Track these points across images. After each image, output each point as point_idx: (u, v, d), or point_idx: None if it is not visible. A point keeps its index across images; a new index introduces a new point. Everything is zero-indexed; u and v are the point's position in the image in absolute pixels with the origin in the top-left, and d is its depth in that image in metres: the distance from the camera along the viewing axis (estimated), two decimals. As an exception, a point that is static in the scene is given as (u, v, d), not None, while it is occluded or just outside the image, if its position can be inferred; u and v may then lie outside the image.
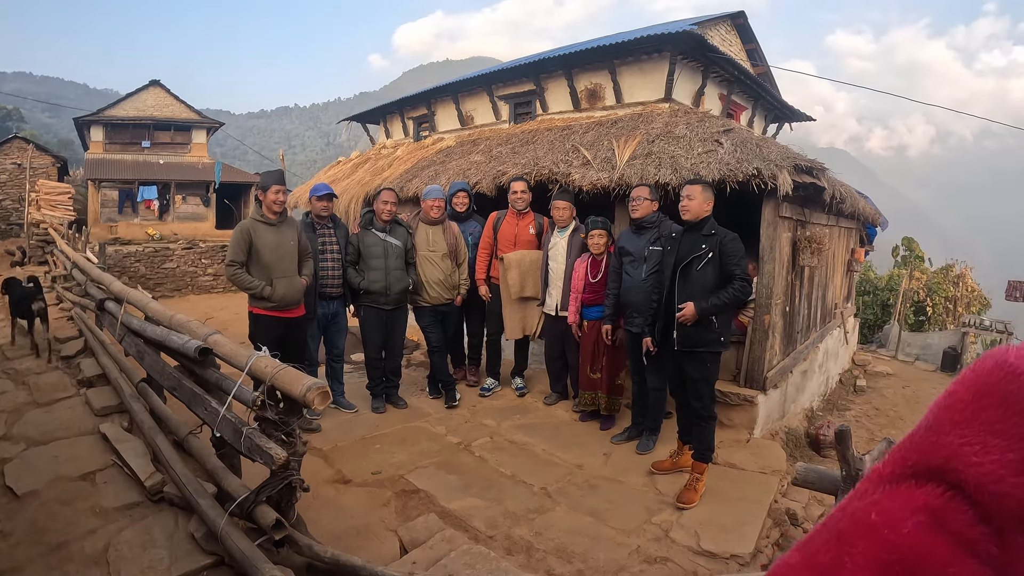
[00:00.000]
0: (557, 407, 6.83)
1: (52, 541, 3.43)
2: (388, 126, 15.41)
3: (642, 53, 9.55)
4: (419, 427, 6.19)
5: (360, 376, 7.32)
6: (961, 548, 0.38)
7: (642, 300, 5.43)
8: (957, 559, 0.37)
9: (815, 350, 8.64)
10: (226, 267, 5.54)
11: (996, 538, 0.37)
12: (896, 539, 0.39)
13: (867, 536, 0.40)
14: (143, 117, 26.10)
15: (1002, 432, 0.38)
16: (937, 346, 15.25)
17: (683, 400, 5.10)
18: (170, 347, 3.95)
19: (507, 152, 9.26)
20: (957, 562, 0.37)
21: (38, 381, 6.39)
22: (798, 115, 14.29)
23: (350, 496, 4.74)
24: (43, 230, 19.44)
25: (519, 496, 4.80)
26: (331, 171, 14.30)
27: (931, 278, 18.97)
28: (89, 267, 7.97)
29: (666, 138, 7.33)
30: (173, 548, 3.39)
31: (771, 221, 6.35)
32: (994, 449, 0.38)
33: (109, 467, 4.35)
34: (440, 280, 6.63)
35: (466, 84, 12.77)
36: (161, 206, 25.05)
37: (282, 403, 3.06)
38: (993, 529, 0.37)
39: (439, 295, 6.68)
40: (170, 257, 20.75)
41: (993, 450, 0.38)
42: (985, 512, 0.38)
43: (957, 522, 0.38)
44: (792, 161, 6.14)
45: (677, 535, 4.32)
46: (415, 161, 11.25)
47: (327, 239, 6.25)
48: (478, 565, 3.47)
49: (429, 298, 6.67)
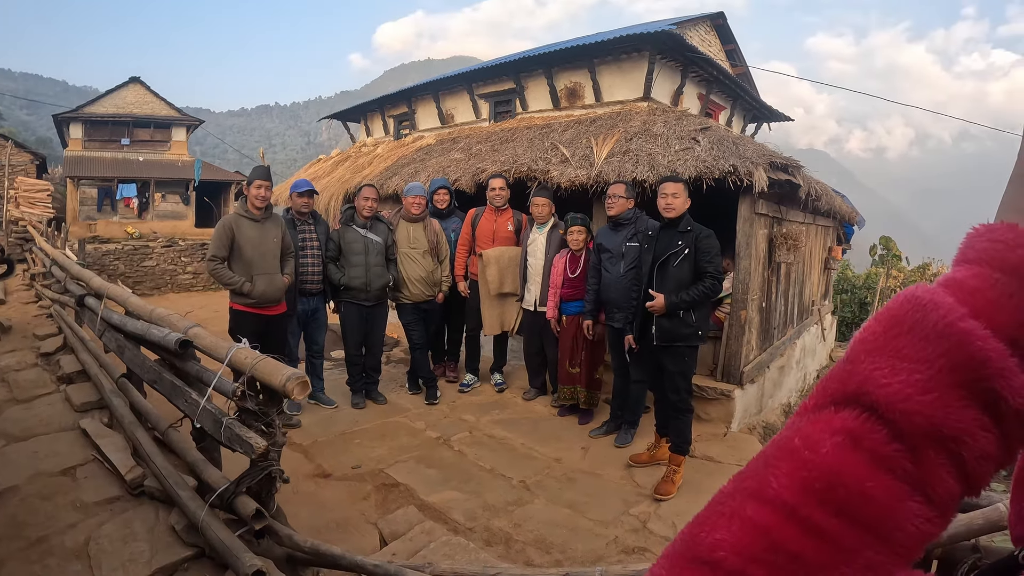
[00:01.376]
0: (536, 402, 6.88)
1: (32, 536, 3.42)
2: (369, 124, 15.41)
3: (621, 52, 9.63)
4: (399, 422, 6.22)
5: (340, 373, 7.32)
6: (876, 464, 0.41)
7: (621, 296, 5.50)
8: (873, 474, 0.41)
9: (792, 346, 8.74)
10: (207, 261, 5.56)
11: (910, 455, 0.41)
12: (816, 459, 0.42)
13: (789, 458, 0.43)
14: (123, 114, 25.93)
15: (909, 356, 0.42)
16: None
17: (661, 393, 5.16)
18: (150, 340, 3.96)
19: (487, 150, 9.31)
20: (873, 477, 0.41)
21: (17, 378, 6.35)
22: (777, 115, 14.42)
23: (330, 490, 4.76)
24: (22, 228, 19.23)
25: (498, 489, 4.84)
26: (312, 169, 14.28)
27: (908, 277, 19.15)
28: (69, 264, 7.93)
29: (644, 136, 7.41)
30: (154, 541, 3.40)
31: (747, 218, 6.43)
32: (902, 371, 0.41)
33: (89, 462, 4.35)
34: (421, 277, 6.65)
35: (447, 82, 12.80)
36: (140, 204, 24.85)
37: (262, 394, 3.08)
38: (906, 446, 0.41)
39: (420, 292, 6.69)
40: (150, 255, 20.61)
41: (901, 372, 0.41)
42: (897, 430, 0.41)
43: (872, 440, 0.41)
44: (768, 159, 6.23)
45: (655, 526, 4.38)
46: (395, 159, 11.29)
47: (307, 235, 6.26)
48: (457, 556, 3.51)
49: (411, 295, 6.68)
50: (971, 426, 0.40)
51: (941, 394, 0.41)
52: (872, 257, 20.76)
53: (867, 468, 0.41)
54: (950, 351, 0.41)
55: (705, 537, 0.43)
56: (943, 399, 0.41)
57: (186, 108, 29.26)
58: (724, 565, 0.42)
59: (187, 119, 27.91)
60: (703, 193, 6.18)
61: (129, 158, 25.72)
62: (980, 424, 0.40)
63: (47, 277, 10.47)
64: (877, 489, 0.41)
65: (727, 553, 0.42)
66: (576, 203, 7.16)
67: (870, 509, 0.41)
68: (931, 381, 0.41)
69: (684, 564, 0.43)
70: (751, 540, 0.42)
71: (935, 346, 0.41)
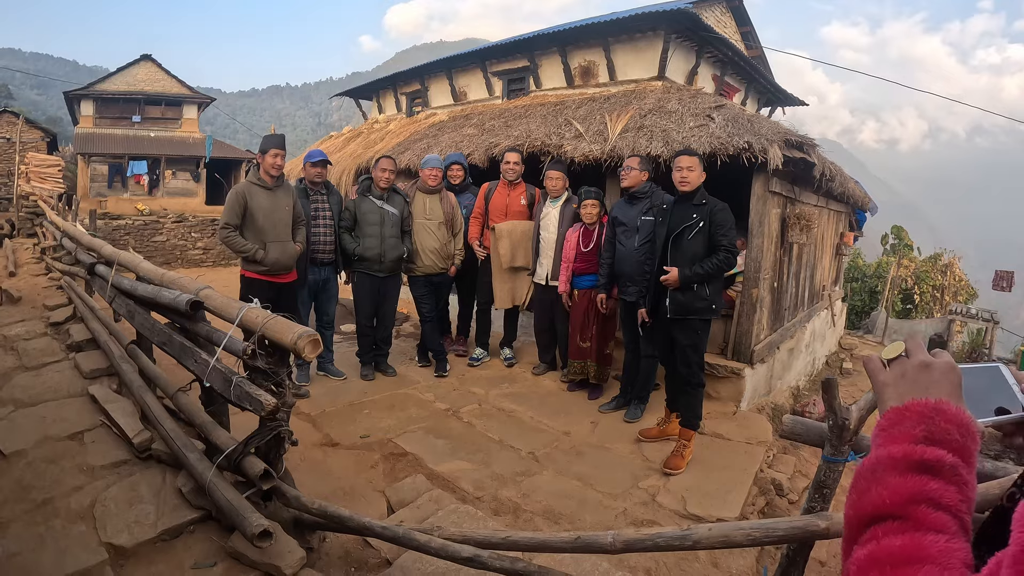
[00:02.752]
0: (545, 377, 6.87)
1: (38, 498, 3.43)
2: (381, 102, 15.36)
3: (636, 31, 9.55)
4: (408, 394, 6.22)
5: (349, 346, 7.33)
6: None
7: (635, 270, 5.46)
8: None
9: (802, 329, 8.69)
10: (220, 229, 5.53)
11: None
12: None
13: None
14: (134, 92, 25.95)
15: None
16: (923, 333, 15.36)
17: (672, 368, 5.13)
18: (161, 303, 3.94)
19: (500, 125, 9.26)
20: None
21: (26, 347, 6.36)
22: (791, 99, 14.31)
23: (338, 459, 4.76)
24: (32, 203, 19.28)
25: (506, 460, 4.84)
26: (323, 145, 14.22)
27: (919, 266, 19.09)
28: (80, 234, 7.92)
29: (658, 113, 7.35)
30: (160, 503, 3.39)
31: (761, 195, 6.38)
32: None
33: (97, 427, 4.35)
34: (435, 249, 6.61)
35: (460, 60, 12.74)
36: (151, 181, 24.92)
37: (272, 353, 3.06)
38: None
39: (433, 264, 6.65)
40: (160, 230, 20.65)
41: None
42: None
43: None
44: (783, 136, 6.17)
45: (664, 499, 4.37)
46: (408, 135, 11.23)
47: (320, 205, 6.23)
48: (465, 524, 3.50)
49: (423, 266, 6.65)
50: None
51: None
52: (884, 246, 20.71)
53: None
54: None
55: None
56: None
57: (197, 88, 29.24)
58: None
59: (198, 97, 27.92)
60: (717, 170, 6.12)
61: (140, 135, 25.75)
62: None
63: (57, 250, 10.49)
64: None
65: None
66: (590, 178, 7.11)
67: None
68: None
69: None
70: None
71: None
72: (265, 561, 2.87)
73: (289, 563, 2.88)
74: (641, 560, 3.54)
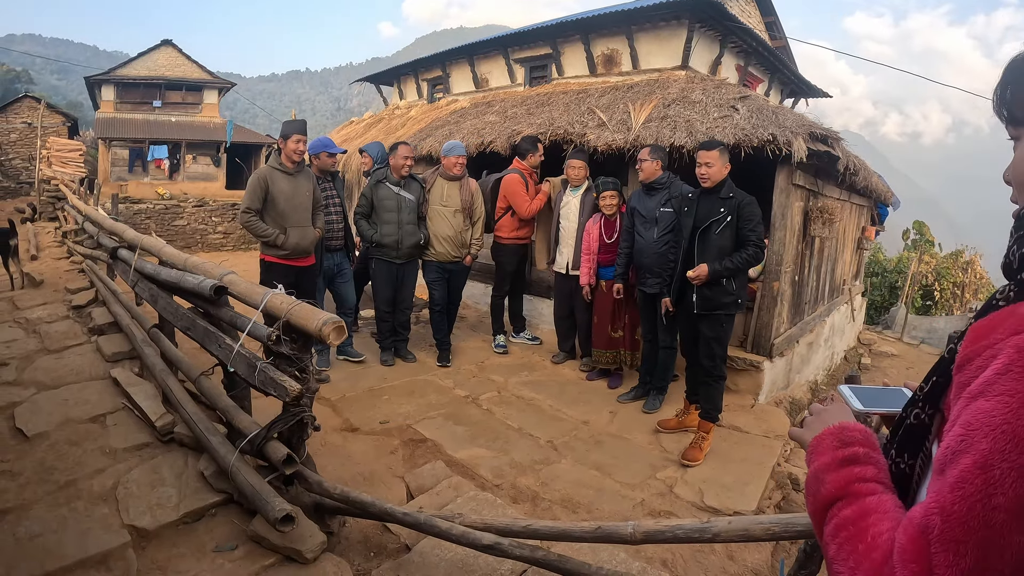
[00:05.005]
0: (564, 366, 6.87)
1: (60, 480, 3.48)
2: (402, 87, 15.34)
3: (660, 20, 9.47)
4: (427, 380, 6.23)
5: (368, 331, 7.36)
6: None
7: (654, 261, 5.44)
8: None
9: (822, 323, 8.63)
10: (241, 214, 5.55)
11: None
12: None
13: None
14: (155, 76, 26.04)
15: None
16: (943, 330, 15.19)
17: (693, 359, 5.12)
18: (185, 288, 3.96)
19: (522, 113, 9.23)
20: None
21: (49, 329, 6.44)
22: (815, 91, 14.19)
23: (358, 444, 4.78)
24: (54, 187, 19.45)
25: (525, 448, 4.84)
26: (343, 131, 14.28)
27: (940, 263, 18.88)
28: (102, 218, 7.97)
29: (682, 103, 7.30)
30: (182, 486, 3.43)
31: (784, 188, 6.33)
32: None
33: (119, 410, 4.40)
34: (449, 236, 6.58)
35: (482, 47, 12.69)
36: (171, 165, 25.05)
37: (296, 339, 3.07)
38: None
39: (446, 251, 6.61)
40: (181, 215, 20.73)
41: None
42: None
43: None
44: (807, 129, 6.12)
45: (681, 491, 4.36)
46: (429, 121, 11.24)
47: (329, 192, 6.28)
48: (484, 511, 3.52)
49: (436, 254, 6.62)
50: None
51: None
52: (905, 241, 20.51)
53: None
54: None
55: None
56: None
57: (217, 72, 29.34)
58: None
59: (219, 82, 28.00)
60: (741, 161, 6.08)
61: (161, 120, 25.86)
62: None
63: (79, 234, 10.57)
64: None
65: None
66: (613, 167, 7.09)
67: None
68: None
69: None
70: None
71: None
72: (286, 545, 2.90)
73: (310, 547, 2.91)
74: (658, 551, 3.54)
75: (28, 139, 25.07)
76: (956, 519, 0.77)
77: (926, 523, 0.80)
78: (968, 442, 0.79)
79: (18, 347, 5.84)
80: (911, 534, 0.81)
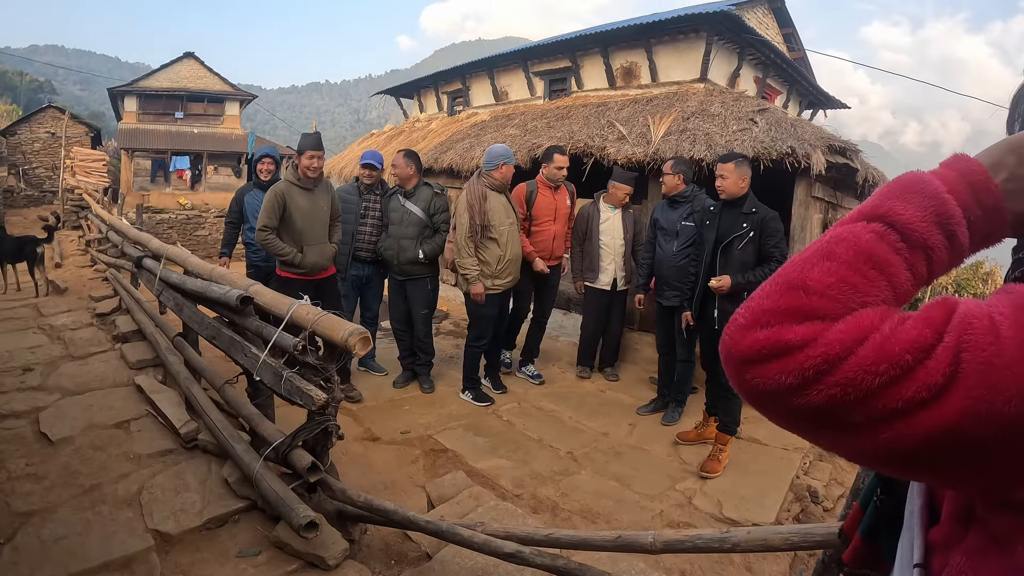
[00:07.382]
0: (584, 379, 6.86)
1: (85, 484, 3.51)
2: (422, 100, 15.46)
3: (678, 32, 9.53)
4: (447, 392, 6.24)
5: (390, 341, 7.29)
6: (892, 250, 0.72)
7: (673, 274, 5.46)
8: (890, 253, 0.72)
9: (841, 336, 8.60)
10: (257, 232, 5.31)
11: (908, 249, 0.73)
12: (860, 242, 0.73)
13: (846, 241, 0.74)
14: (177, 88, 26.34)
15: (914, 204, 0.74)
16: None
17: (713, 372, 5.12)
18: (210, 297, 4.01)
19: (542, 126, 9.30)
20: (890, 255, 0.72)
21: (73, 336, 6.50)
22: (833, 102, 14.18)
23: (379, 453, 4.81)
24: (77, 196, 19.64)
25: (545, 459, 4.86)
26: (364, 143, 14.35)
27: (960, 274, 18.69)
28: (126, 228, 8.07)
29: (701, 116, 7.33)
30: (205, 492, 3.46)
31: (803, 201, 6.34)
32: (910, 209, 0.73)
33: (143, 416, 4.43)
34: (520, 256, 6.01)
35: (501, 60, 12.79)
36: (193, 176, 25.33)
37: (322, 349, 3.11)
38: (907, 245, 0.73)
39: (515, 276, 5.98)
40: (202, 224, 20.92)
41: (910, 209, 0.73)
42: (904, 236, 0.73)
43: (890, 239, 0.73)
44: (826, 141, 6.13)
45: (700, 502, 4.35)
46: (449, 134, 11.31)
47: (371, 204, 6.20)
48: (505, 520, 3.52)
49: (503, 284, 5.91)
50: (940, 243, 0.73)
51: (929, 225, 0.73)
52: (924, 252, 20.34)
53: (887, 251, 0.72)
54: (936, 206, 0.74)
55: (798, 275, 0.73)
56: (929, 227, 0.73)
57: (238, 84, 29.62)
58: (811, 287, 0.71)
59: (240, 94, 28.26)
60: (760, 174, 6.09)
61: (183, 131, 26.15)
62: (943, 244, 0.73)
63: (102, 243, 10.68)
64: (892, 261, 0.72)
65: (813, 282, 0.71)
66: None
67: (888, 269, 0.72)
68: (925, 218, 0.73)
69: (783, 290, 0.72)
70: (828, 278, 0.71)
71: (929, 201, 0.74)
72: (309, 551, 2.92)
73: (333, 554, 2.93)
74: (677, 561, 3.54)
75: (51, 148, 25.32)
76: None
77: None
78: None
79: (43, 353, 5.89)
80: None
